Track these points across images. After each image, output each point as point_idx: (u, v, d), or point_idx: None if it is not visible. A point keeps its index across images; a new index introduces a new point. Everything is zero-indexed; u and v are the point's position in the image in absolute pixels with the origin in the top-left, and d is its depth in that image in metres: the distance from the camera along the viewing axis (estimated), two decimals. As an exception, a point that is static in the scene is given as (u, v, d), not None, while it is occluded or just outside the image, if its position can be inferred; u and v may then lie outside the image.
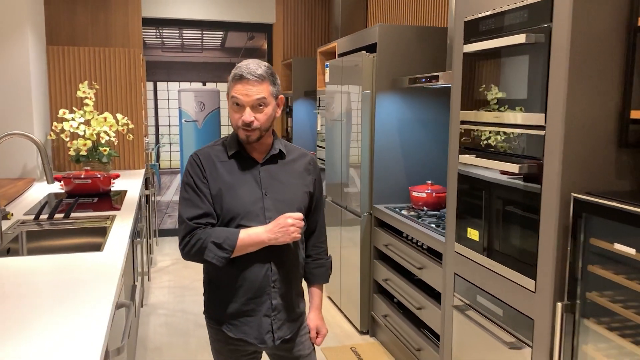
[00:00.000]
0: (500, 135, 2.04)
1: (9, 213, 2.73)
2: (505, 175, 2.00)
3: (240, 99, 1.61)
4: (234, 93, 1.62)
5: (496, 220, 2.10)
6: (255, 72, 1.61)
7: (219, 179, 1.67)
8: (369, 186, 3.36)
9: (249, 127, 1.62)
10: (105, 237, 2.38)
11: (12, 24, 3.82)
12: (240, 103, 1.62)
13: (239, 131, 1.65)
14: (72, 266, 2.00)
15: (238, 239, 1.60)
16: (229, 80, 1.67)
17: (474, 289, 2.22)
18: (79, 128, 4.03)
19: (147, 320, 3.64)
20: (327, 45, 4.43)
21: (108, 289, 1.75)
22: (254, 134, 1.64)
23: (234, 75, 1.63)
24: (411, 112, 3.29)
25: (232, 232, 1.62)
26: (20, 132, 2.24)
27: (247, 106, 1.62)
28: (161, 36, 8.62)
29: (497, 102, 2.05)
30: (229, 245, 1.60)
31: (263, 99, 1.62)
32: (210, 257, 1.61)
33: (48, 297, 1.72)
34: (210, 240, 1.61)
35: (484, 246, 2.15)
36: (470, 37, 2.20)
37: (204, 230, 1.63)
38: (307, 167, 1.80)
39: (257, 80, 1.61)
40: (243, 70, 1.62)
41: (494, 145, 2.08)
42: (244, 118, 1.61)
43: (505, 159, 1.99)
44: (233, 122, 1.66)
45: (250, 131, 1.63)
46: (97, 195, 3.43)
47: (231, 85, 1.65)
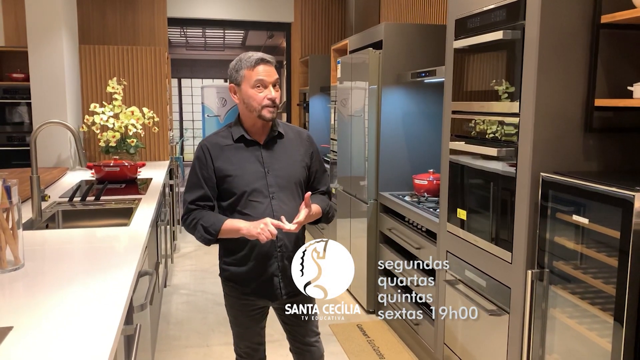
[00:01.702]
0: (485, 124, 2.24)
1: (47, 195, 3.04)
2: (486, 159, 2.21)
3: (265, 79, 1.85)
4: (259, 75, 1.84)
5: (480, 201, 2.31)
6: (270, 57, 1.90)
7: (227, 162, 1.91)
8: (375, 175, 3.58)
9: (274, 104, 1.86)
10: (132, 216, 2.65)
11: (48, 25, 4.15)
12: (265, 82, 1.85)
13: (263, 112, 1.85)
14: (103, 237, 2.28)
15: (221, 227, 1.86)
16: (241, 68, 1.87)
17: (463, 264, 2.44)
18: (108, 121, 4.34)
19: (169, 299, 3.93)
20: (340, 43, 4.66)
21: (133, 256, 2.01)
22: (275, 111, 1.88)
23: (255, 60, 1.85)
24: (415, 105, 3.50)
25: (219, 219, 1.87)
26: (57, 121, 2.53)
27: (270, 85, 1.86)
28: (185, 35, 8.96)
29: (482, 93, 2.26)
30: (214, 229, 1.86)
31: (278, 80, 1.91)
32: (198, 236, 1.89)
33: (80, 262, 2.00)
34: (201, 222, 1.88)
35: (470, 225, 2.36)
36: (460, 35, 2.41)
37: (199, 211, 1.90)
38: (303, 142, 2.03)
39: (272, 63, 1.89)
40: (261, 55, 1.87)
41: (479, 132, 2.28)
42: (272, 96, 1.85)
43: (488, 145, 2.19)
44: (256, 103, 1.85)
45: (273, 107, 1.86)
46: (124, 182, 3.72)
47: (250, 70, 1.85)
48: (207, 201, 1.92)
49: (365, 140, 3.62)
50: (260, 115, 1.87)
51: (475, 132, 2.31)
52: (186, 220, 1.93)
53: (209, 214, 1.90)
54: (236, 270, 1.95)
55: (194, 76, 10.19)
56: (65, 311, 1.46)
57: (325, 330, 3.38)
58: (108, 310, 1.46)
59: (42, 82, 4.20)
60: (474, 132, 2.32)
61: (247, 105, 1.89)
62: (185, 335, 3.38)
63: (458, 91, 2.45)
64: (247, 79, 1.86)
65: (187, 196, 1.94)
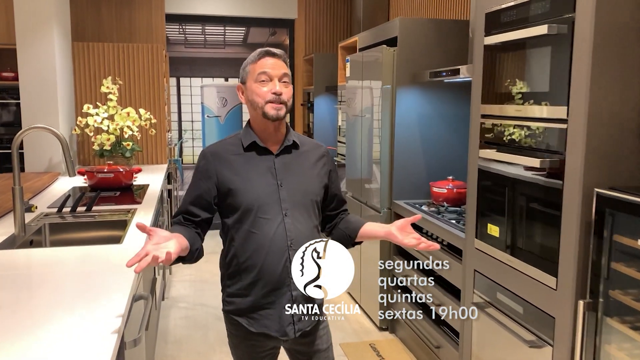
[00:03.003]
0: (522, 130, 1.99)
1: (33, 206, 2.79)
2: (527, 170, 1.96)
3: (269, 72, 1.63)
4: (262, 68, 1.64)
5: (517, 216, 2.06)
6: (278, 50, 1.68)
7: (232, 172, 1.67)
8: (389, 182, 3.33)
9: (279, 99, 1.63)
10: (125, 230, 2.40)
11: (38, 21, 3.89)
12: (269, 75, 1.63)
13: (267, 108, 1.63)
14: (92, 258, 2.03)
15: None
16: (247, 64, 1.69)
17: (494, 285, 2.19)
18: (102, 123, 4.09)
19: (167, 314, 3.68)
20: (348, 40, 4.41)
21: (125, 281, 1.77)
22: (282, 109, 1.64)
23: (259, 53, 1.66)
24: (432, 106, 3.25)
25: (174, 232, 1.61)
26: (43, 126, 2.28)
27: (275, 78, 1.64)
28: (184, 32, 8.69)
29: (519, 95, 2.01)
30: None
31: (287, 75, 1.67)
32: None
33: (67, 288, 1.75)
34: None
35: (504, 243, 2.11)
36: (491, 29, 2.16)
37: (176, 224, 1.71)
38: (321, 158, 1.79)
39: (281, 57, 1.67)
40: (267, 48, 1.67)
41: (515, 139, 2.03)
42: (275, 89, 1.63)
43: (526, 154, 1.94)
44: (259, 98, 1.64)
45: (279, 104, 1.63)
46: (119, 189, 3.47)
47: (254, 64, 1.66)
48: (190, 216, 1.70)
49: (378, 144, 3.37)
50: (263, 112, 1.64)
51: (509, 139, 2.06)
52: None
53: (175, 228, 1.67)
54: (241, 302, 1.69)
55: (193, 75, 9.89)
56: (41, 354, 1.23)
57: (336, 351, 3.13)
58: (95, 350, 1.25)
59: (31, 81, 3.94)
60: (508, 139, 2.07)
61: (251, 102, 1.68)
62: (185, 355, 3.13)
63: (488, 93, 2.20)
64: (251, 73, 1.66)
65: (180, 204, 1.74)
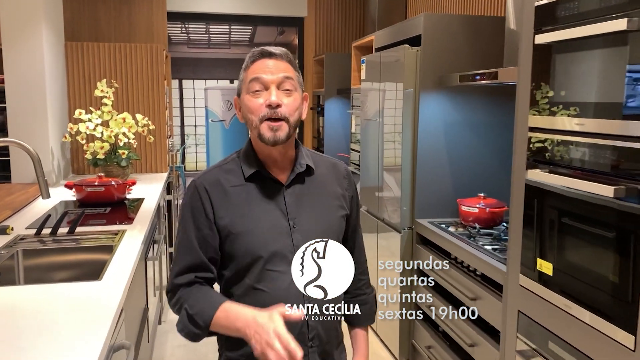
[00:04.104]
0: (585, 148, 1.63)
1: (9, 227, 2.45)
2: (594, 196, 1.59)
3: (264, 77, 1.26)
4: (255, 73, 1.27)
5: (578, 251, 1.69)
6: (278, 48, 1.31)
7: (233, 211, 1.31)
8: (411, 197, 2.97)
9: (275, 113, 1.25)
10: (108, 261, 2.06)
11: (24, 19, 3.56)
12: (263, 82, 1.27)
13: (261, 127, 1.26)
14: (63, 300, 1.68)
15: (214, 316, 1.22)
16: (241, 71, 1.33)
17: (545, 333, 1.82)
18: (96, 130, 3.75)
19: (164, 340, 3.34)
20: (363, 39, 4.05)
21: (100, 331, 1.44)
22: (282, 128, 1.26)
23: (252, 55, 1.30)
24: (460, 113, 2.89)
25: (212, 302, 1.25)
26: (11, 140, 1.95)
27: (271, 85, 1.27)
28: (187, 31, 8.36)
29: (580, 106, 1.64)
30: (202, 320, 1.23)
31: (289, 78, 1.29)
32: (180, 328, 1.27)
33: (28, 340, 1.40)
34: (185, 307, 1.26)
35: (560, 283, 1.74)
36: (543, 26, 1.79)
37: (187, 289, 1.29)
38: (341, 182, 1.44)
39: (281, 56, 1.30)
40: (261, 48, 1.30)
41: (576, 158, 1.67)
42: (270, 100, 1.25)
43: (591, 178, 1.58)
44: (254, 114, 1.27)
45: (277, 122, 1.26)
46: (111, 204, 3.13)
47: (248, 69, 1.30)
48: (202, 272, 1.31)
49: (395, 155, 3.01)
50: (259, 134, 1.27)
51: (567, 158, 1.70)
52: (171, 302, 1.32)
53: (199, 292, 1.28)
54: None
55: (197, 77, 9.50)
56: None
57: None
58: None
59: (18, 84, 3.61)
60: (566, 158, 1.71)
61: (246, 120, 1.32)
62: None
63: (538, 101, 1.84)
64: (244, 83, 1.30)
65: (175, 265, 1.32)
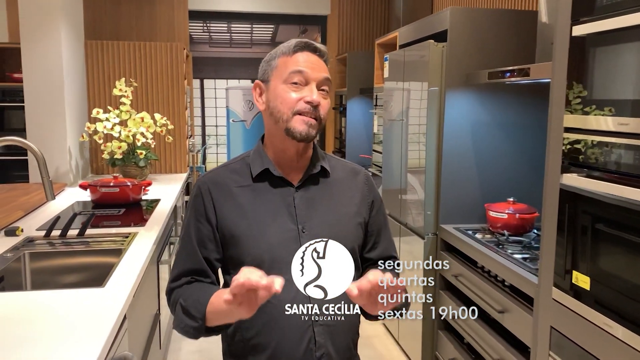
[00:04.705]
0: (625, 150, 1.47)
1: (18, 229, 2.39)
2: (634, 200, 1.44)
3: (308, 73, 1.17)
4: (298, 65, 1.17)
5: (619, 263, 1.53)
6: (322, 46, 1.21)
7: (237, 212, 1.21)
8: (435, 202, 2.82)
9: (314, 112, 1.16)
10: (117, 262, 1.98)
11: (42, 18, 3.52)
12: (306, 77, 1.17)
13: (294, 122, 1.17)
14: (62, 308, 1.59)
15: (208, 302, 1.12)
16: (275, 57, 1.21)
17: (581, 353, 1.66)
18: (113, 129, 3.70)
19: (178, 347, 3.26)
20: (387, 36, 3.91)
21: (97, 342, 1.34)
22: (315, 127, 1.18)
23: (296, 44, 1.20)
24: (488, 113, 2.73)
25: (206, 291, 1.16)
26: (15, 139, 1.87)
27: (313, 82, 1.17)
28: (209, 30, 8.30)
29: (625, 104, 1.49)
30: (197, 311, 1.13)
31: (328, 81, 1.20)
32: (176, 324, 1.18)
33: (15, 354, 1.31)
34: (180, 301, 1.17)
35: (599, 299, 1.58)
36: (581, 16, 1.64)
37: (184, 288, 1.20)
38: (360, 188, 1.32)
39: (323, 55, 1.21)
40: (307, 40, 1.19)
41: (619, 162, 1.51)
42: (312, 98, 1.15)
43: (636, 183, 1.42)
44: (285, 107, 1.17)
45: (312, 119, 1.17)
46: (126, 205, 3.07)
47: (287, 57, 1.19)
48: (201, 277, 1.22)
49: (419, 157, 2.87)
50: (287, 128, 1.17)
51: (608, 161, 1.54)
52: (169, 304, 1.24)
53: (193, 286, 1.20)
54: None
55: (218, 76, 9.42)
56: None
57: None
58: None
59: (36, 83, 3.58)
60: (606, 161, 1.55)
61: (272, 111, 1.20)
62: (195, 402, 2.70)
63: (575, 100, 1.68)
64: (279, 69, 1.19)
65: (174, 268, 1.24)
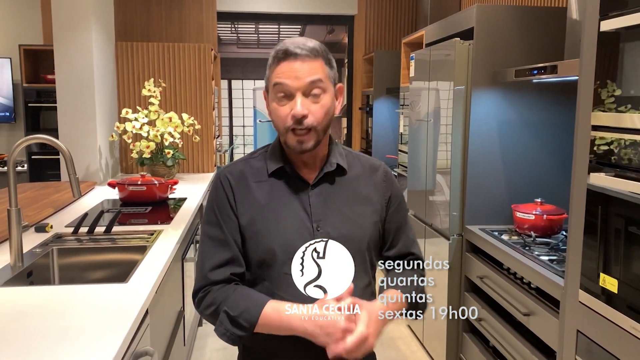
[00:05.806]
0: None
1: (48, 225, 2.45)
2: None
3: (287, 84, 1.15)
4: (278, 78, 1.16)
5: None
6: (306, 45, 1.16)
7: (253, 206, 1.22)
8: (461, 202, 2.78)
9: (301, 124, 1.15)
10: (141, 259, 2.01)
11: (74, 19, 3.61)
12: (286, 89, 1.15)
13: (287, 136, 1.18)
14: (86, 303, 1.62)
15: (261, 315, 1.12)
16: (267, 67, 1.21)
17: (608, 357, 1.61)
18: (142, 129, 3.76)
19: (203, 344, 3.29)
20: (413, 35, 3.88)
21: (117, 336, 1.36)
22: (309, 138, 1.17)
23: (276, 54, 1.18)
24: (516, 112, 2.68)
25: (255, 301, 1.15)
26: (43, 137, 1.92)
27: (296, 93, 1.15)
28: (237, 31, 8.37)
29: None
30: (246, 320, 1.13)
31: (319, 81, 1.16)
32: (221, 332, 1.16)
33: (38, 343, 1.34)
34: (224, 308, 1.15)
35: (628, 303, 1.54)
36: (611, 10, 1.59)
37: (222, 288, 1.18)
38: (377, 184, 1.30)
39: (308, 55, 1.16)
40: (288, 45, 1.16)
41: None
42: (295, 111, 1.14)
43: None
44: (279, 123, 1.18)
45: (303, 134, 1.16)
46: (153, 203, 3.12)
47: (272, 70, 1.18)
48: (237, 266, 1.21)
49: (446, 157, 2.83)
50: (285, 142, 1.19)
51: (637, 161, 1.49)
52: (203, 300, 1.20)
53: (237, 292, 1.18)
54: None
55: (246, 77, 9.49)
56: None
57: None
58: None
59: (68, 84, 3.67)
60: (635, 161, 1.50)
61: (273, 123, 1.21)
62: (218, 398, 2.72)
63: (604, 97, 1.63)
64: (270, 81, 1.20)
65: (205, 258, 1.22)
